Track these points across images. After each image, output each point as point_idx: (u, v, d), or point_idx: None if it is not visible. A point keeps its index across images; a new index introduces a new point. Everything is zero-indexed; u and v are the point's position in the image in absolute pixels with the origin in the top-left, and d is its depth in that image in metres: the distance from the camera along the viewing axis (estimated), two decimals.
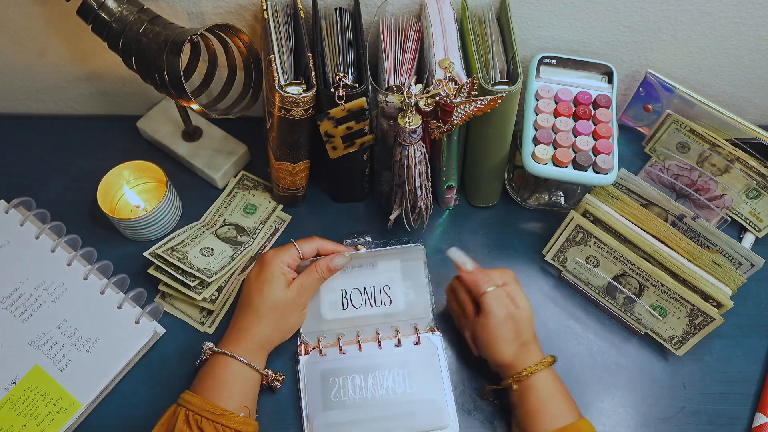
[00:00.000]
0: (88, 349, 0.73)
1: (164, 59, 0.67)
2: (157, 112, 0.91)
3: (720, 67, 0.86)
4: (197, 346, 0.70)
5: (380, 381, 0.72)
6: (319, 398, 0.71)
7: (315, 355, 0.74)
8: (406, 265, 0.77)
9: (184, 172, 0.89)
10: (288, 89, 0.68)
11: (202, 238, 0.80)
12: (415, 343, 0.75)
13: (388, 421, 0.70)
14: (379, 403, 0.71)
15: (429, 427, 0.70)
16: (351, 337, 0.75)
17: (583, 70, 0.81)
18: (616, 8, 0.78)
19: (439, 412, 0.71)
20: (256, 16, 0.79)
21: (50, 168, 0.89)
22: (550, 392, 0.65)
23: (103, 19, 0.70)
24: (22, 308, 0.75)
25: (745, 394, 0.74)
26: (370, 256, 0.77)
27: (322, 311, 0.75)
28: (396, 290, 0.77)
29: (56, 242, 0.79)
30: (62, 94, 0.93)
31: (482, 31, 0.75)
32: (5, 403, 0.70)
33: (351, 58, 0.71)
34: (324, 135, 0.71)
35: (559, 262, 0.80)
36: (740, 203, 0.84)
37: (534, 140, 0.76)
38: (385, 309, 0.76)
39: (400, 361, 0.73)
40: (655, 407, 0.73)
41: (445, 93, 0.64)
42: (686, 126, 0.84)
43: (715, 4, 0.77)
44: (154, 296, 0.78)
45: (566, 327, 0.78)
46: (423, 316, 0.76)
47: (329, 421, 0.70)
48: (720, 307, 0.71)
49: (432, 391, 0.72)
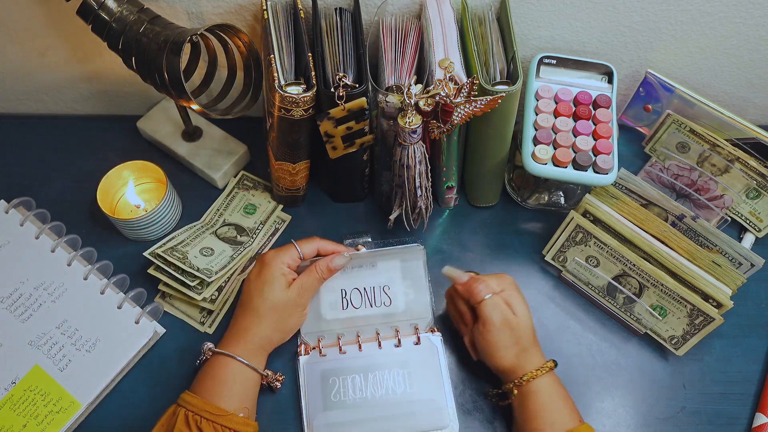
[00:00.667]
0: (88, 349, 0.73)
1: (164, 59, 0.67)
2: (157, 112, 0.91)
3: (720, 67, 0.86)
4: (197, 346, 0.70)
5: (380, 381, 0.72)
6: (319, 398, 0.71)
7: (315, 355, 0.74)
8: (406, 265, 0.77)
9: (184, 172, 0.89)
10: (288, 89, 0.68)
11: (202, 238, 0.80)
12: (415, 343, 0.75)
13: (388, 421, 0.70)
14: (379, 403, 0.71)
15: (429, 427, 0.70)
16: (351, 338, 0.75)
17: (583, 70, 0.81)
18: (616, 8, 0.78)
19: (439, 412, 0.71)
20: (256, 16, 0.79)
21: (50, 168, 0.89)
22: (551, 397, 0.65)
23: (103, 19, 0.70)
24: (22, 308, 0.75)
25: (745, 394, 0.74)
26: (369, 256, 0.77)
27: (322, 311, 0.75)
28: (396, 290, 0.77)
29: (56, 242, 0.79)
30: (62, 94, 0.93)
31: (482, 31, 0.75)
32: (5, 403, 0.70)
33: (351, 58, 0.71)
34: (324, 135, 0.71)
35: (559, 262, 0.80)
36: (740, 203, 0.84)
37: (534, 140, 0.76)
38: (385, 309, 0.76)
39: (400, 361, 0.73)
40: (655, 407, 0.73)
41: (445, 93, 0.64)
42: (686, 126, 0.84)
43: (715, 4, 0.77)
44: (154, 296, 0.78)
45: (566, 327, 0.78)
46: (423, 316, 0.76)
47: (329, 421, 0.70)
48: (720, 307, 0.71)
49: (432, 391, 0.72)
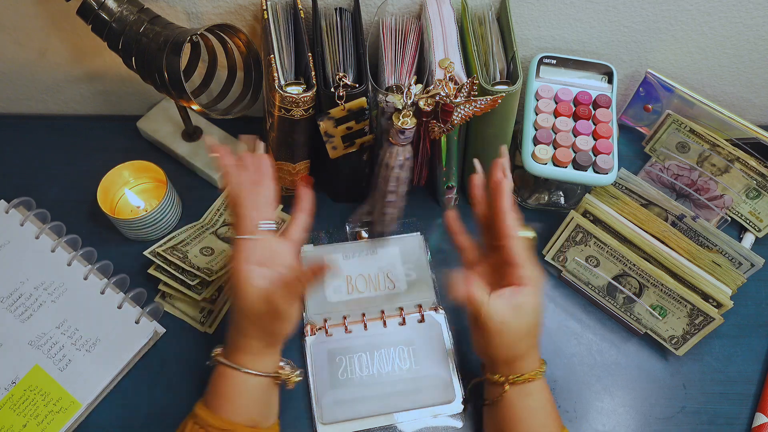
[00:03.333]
0: (88, 349, 0.73)
1: (164, 59, 0.68)
2: (157, 112, 0.91)
3: (720, 67, 0.86)
4: (197, 346, 0.70)
5: (386, 358, 0.73)
6: (327, 377, 0.72)
7: (321, 336, 0.75)
8: (406, 249, 0.80)
9: (184, 172, 0.89)
10: (288, 89, 0.68)
11: (202, 237, 0.80)
12: (419, 321, 0.76)
13: (395, 396, 0.71)
14: (386, 379, 0.72)
15: (435, 401, 0.71)
16: (356, 317, 0.76)
17: (583, 70, 0.81)
18: (616, 8, 0.78)
19: (444, 386, 0.72)
20: (256, 16, 0.79)
21: (50, 168, 0.89)
22: (541, 401, 0.63)
23: (103, 19, 0.70)
24: (22, 308, 0.75)
25: (745, 394, 0.74)
26: (370, 244, 0.80)
27: (327, 295, 0.77)
28: (398, 274, 0.79)
29: (56, 242, 0.79)
30: (62, 94, 0.93)
31: (482, 31, 0.75)
32: (5, 403, 0.70)
33: (351, 58, 0.71)
34: (324, 135, 0.71)
35: (559, 262, 0.80)
36: (740, 203, 0.84)
37: (534, 140, 0.76)
38: (389, 292, 0.78)
39: (405, 339, 0.75)
40: (655, 407, 0.73)
41: (445, 93, 0.64)
42: (686, 126, 0.84)
43: (715, 4, 0.77)
44: (154, 296, 0.78)
45: (566, 327, 0.78)
46: (426, 296, 0.78)
47: (337, 398, 0.71)
48: (720, 307, 0.71)
49: (437, 366, 0.73)
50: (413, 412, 0.71)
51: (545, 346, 0.69)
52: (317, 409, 0.70)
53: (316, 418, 0.70)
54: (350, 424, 0.70)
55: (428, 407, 0.71)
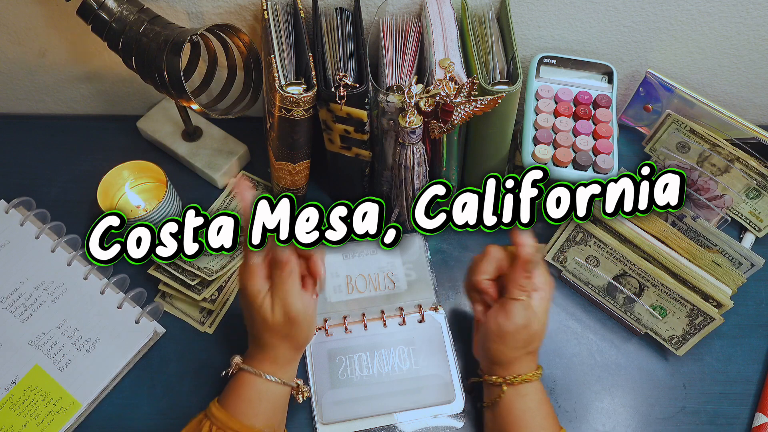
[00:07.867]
0: (88, 349, 0.73)
1: (164, 59, 0.67)
2: (157, 112, 0.91)
3: (720, 67, 0.86)
4: (197, 346, 0.70)
5: (386, 358, 0.73)
6: (327, 377, 0.72)
7: (321, 335, 0.75)
8: (406, 249, 0.81)
9: (184, 172, 0.89)
10: (288, 89, 0.68)
11: None
12: (419, 321, 0.76)
13: (395, 396, 0.71)
14: (386, 379, 0.72)
15: (435, 401, 0.71)
16: (356, 317, 0.76)
17: (583, 70, 0.81)
18: (616, 8, 0.78)
19: (445, 387, 0.72)
20: (256, 16, 0.79)
21: (50, 168, 0.89)
22: (538, 402, 0.64)
23: (103, 19, 0.70)
24: (22, 308, 0.75)
25: (745, 394, 0.74)
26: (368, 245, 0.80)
27: (327, 295, 0.77)
28: (398, 273, 0.79)
29: (56, 242, 0.79)
30: (62, 94, 0.93)
31: (482, 31, 0.75)
32: (5, 403, 0.70)
33: (351, 58, 0.71)
34: (322, 123, 0.71)
35: (559, 262, 0.80)
36: (740, 203, 0.84)
37: (534, 140, 0.76)
38: (389, 291, 0.78)
39: (405, 339, 0.75)
40: (655, 407, 0.73)
41: (445, 93, 0.64)
42: (686, 126, 0.84)
43: (715, 4, 0.77)
44: (154, 296, 0.78)
45: (566, 327, 0.78)
46: (426, 296, 0.77)
47: (337, 398, 0.71)
48: (720, 307, 0.71)
49: (437, 366, 0.73)
50: (413, 412, 0.71)
51: (545, 345, 0.69)
52: (317, 409, 0.70)
53: (316, 418, 0.70)
54: (350, 424, 0.70)
55: (428, 407, 0.71)
